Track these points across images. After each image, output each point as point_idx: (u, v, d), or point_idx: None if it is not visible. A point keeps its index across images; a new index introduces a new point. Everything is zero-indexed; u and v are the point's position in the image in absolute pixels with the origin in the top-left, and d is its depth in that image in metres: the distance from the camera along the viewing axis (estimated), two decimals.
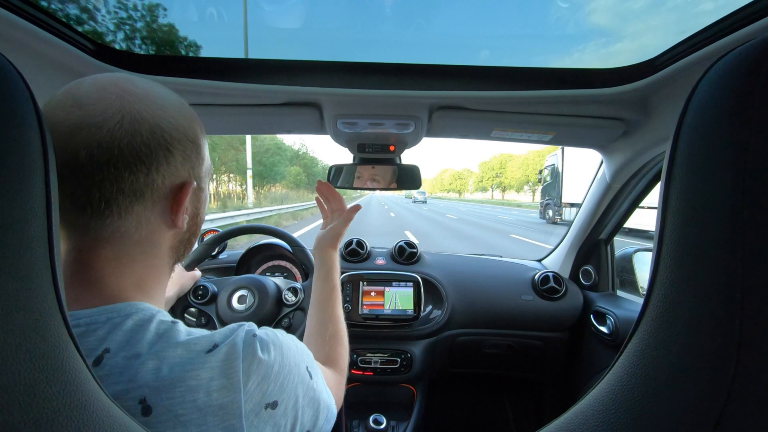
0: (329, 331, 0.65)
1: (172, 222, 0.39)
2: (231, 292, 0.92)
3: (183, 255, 0.44)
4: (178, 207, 0.38)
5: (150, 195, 0.36)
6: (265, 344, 0.37)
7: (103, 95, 0.34)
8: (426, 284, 1.32)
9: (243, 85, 0.78)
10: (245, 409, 0.33)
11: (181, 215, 0.39)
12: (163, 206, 0.38)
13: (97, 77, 0.36)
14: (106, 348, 0.32)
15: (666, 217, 0.26)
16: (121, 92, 0.34)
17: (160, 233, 0.39)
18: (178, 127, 0.37)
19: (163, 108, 0.37)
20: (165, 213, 0.38)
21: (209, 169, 0.45)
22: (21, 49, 0.61)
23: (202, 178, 0.43)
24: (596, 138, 1.00)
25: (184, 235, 0.42)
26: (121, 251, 0.36)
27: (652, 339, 0.25)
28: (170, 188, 0.38)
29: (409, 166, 1.08)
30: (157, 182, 0.36)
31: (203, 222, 0.47)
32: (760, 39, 0.23)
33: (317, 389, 0.44)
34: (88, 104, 0.33)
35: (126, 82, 0.36)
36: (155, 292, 0.41)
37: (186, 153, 0.38)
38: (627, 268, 1.30)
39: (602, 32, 48.95)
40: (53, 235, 0.23)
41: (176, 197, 0.38)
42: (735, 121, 0.22)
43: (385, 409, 1.23)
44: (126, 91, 0.35)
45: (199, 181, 0.42)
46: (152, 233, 0.38)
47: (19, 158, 0.21)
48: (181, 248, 0.43)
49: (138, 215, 0.36)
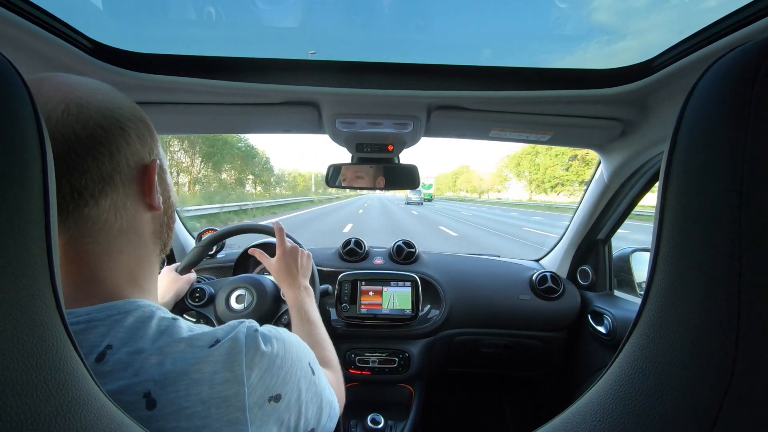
0: (313, 338, 0.67)
1: (148, 204, 0.39)
2: (229, 292, 0.92)
3: (167, 240, 0.45)
4: (150, 187, 0.39)
5: (120, 179, 0.36)
6: (267, 338, 0.38)
7: (40, 90, 0.33)
8: (424, 284, 1.32)
9: (242, 84, 0.78)
10: (249, 402, 0.33)
11: (155, 195, 0.39)
12: (134, 190, 0.38)
13: (33, 78, 0.35)
14: (108, 344, 0.32)
15: (664, 217, 0.26)
16: (57, 85, 0.35)
17: (140, 219, 0.39)
18: (124, 107, 0.38)
19: (102, 92, 0.37)
20: (138, 196, 0.38)
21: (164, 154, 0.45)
22: (18, 46, 0.61)
23: (162, 158, 0.43)
24: (594, 138, 1.00)
25: (162, 217, 0.43)
26: (108, 244, 0.36)
27: (650, 339, 0.25)
28: (136, 169, 0.38)
29: (407, 166, 1.08)
30: (122, 164, 0.36)
31: (176, 204, 0.47)
32: (757, 40, 0.23)
33: (320, 385, 0.44)
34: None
35: (58, 76, 0.36)
36: (149, 286, 0.41)
37: (140, 132, 0.39)
38: (624, 268, 1.31)
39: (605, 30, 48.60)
40: (51, 234, 0.23)
41: (145, 177, 0.39)
42: (733, 121, 0.22)
43: (383, 408, 1.23)
44: (61, 83, 0.35)
45: (161, 160, 0.42)
46: (132, 220, 0.38)
47: (17, 157, 0.21)
48: (163, 232, 0.44)
49: (113, 201, 0.36)
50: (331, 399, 0.47)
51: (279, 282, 0.80)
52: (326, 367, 0.60)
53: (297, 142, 42.55)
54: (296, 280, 0.78)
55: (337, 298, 1.27)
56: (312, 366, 0.43)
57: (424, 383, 1.33)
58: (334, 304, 1.28)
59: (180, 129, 1.06)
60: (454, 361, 1.36)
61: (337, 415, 0.48)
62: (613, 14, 17.05)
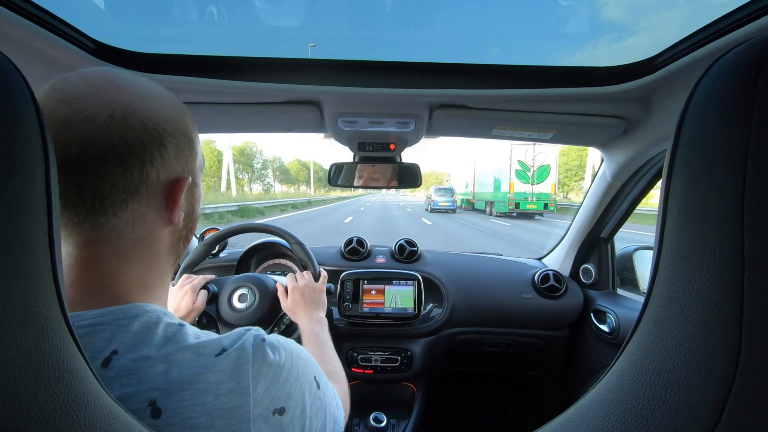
0: (321, 357, 0.68)
1: (168, 219, 0.38)
2: (231, 291, 0.92)
3: (182, 253, 0.44)
4: (173, 203, 0.38)
5: (145, 191, 0.35)
6: (275, 348, 0.37)
7: (91, 89, 0.33)
8: (426, 283, 1.32)
9: (244, 84, 0.78)
10: (253, 414, 0.33)
11: (177, 212, 0.38)
12: (158, 203, 0.37)
13: (84, 71, 0.35)
14: (114, 350, 0.32)
15: (667, 215, 0.26)
16: (110, 86, 0.34)
17: (157, 231, 0.38)
18: (170, 120, 0.37)
19: (153, 101, 0.36)
20: (160, 210, 0.37)
21: (202, 164, 0.44)
22: (20, 47, 0.61)
23: (196, 173, 0.42)
24: (597, 136, 1.00)
25: (180, 232, 0.42)
26: (118, 250, 0.36)
27: (653, 337, 0.25)
28: (165, 184, 0.37)
29: (409, 165, 1.08)
30: (152, 177, 0.35)
31: (198, 218, 0.46)
32: (760, 37, 0.23)
33: (325, 400, 0.43)
34: (76, 99, 0.32)
35: (113, 75, 0.35)
36: (158, 292, 0.40)
37: (179, 147, 0.38)
38: (627, 266, 1.30)
39: (615, 27, 47.70)
40: (54, 236, 0.23)
41: (171, 193, 0.37)
42: (736, 119, 0.22)
43: (385, 407, 1.23)
44: (115, 84, 0.34)
45: (194, 176, 0.41)
46: (148, 231, 0.37)
47: (20, 158, 0.21)
48: (180, 246, 0.43)
49: (133, 212, 0.35)
50: (336, 414, 0.46)
51: (292, 316, 0.83)
52: (333, 381, 0.60)
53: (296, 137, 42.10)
54: (307, 314, 0.80)
55: (339, 297, 1.27)
56: (318, 380, 0.43)
57: (426, 382, 1.33)
58: (336, 303, 1.28)
59: None
60: (457, 360, 1.36)
61: (341, 431, 0.47)
62: (623, 10, 16.58)
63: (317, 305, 0.83)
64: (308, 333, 0.74)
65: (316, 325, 0.76)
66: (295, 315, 0.82)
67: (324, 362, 0.66)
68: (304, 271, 0.92)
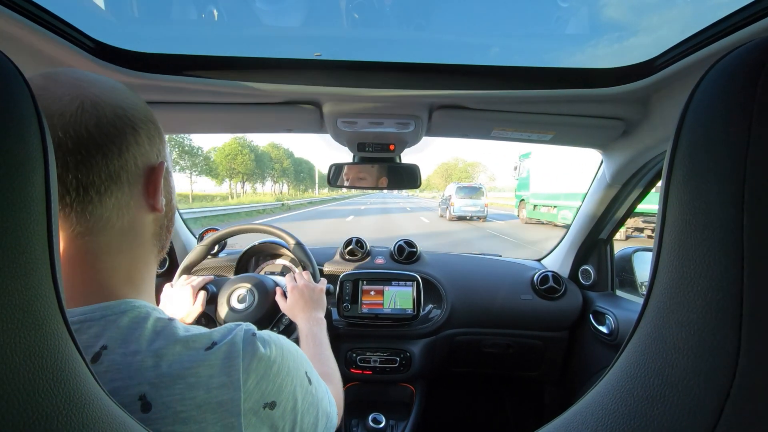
0: (318, 357, 0.68)
1: (151, 206, 0.39)
2: (230, 291, 0.92)
3: (165, 242, 0.45)
4: (155, 189, 0.39)
5: (126, 178, 0.36)
6: (266, 343, 0.38)
7: (56, 85, 0.34)
8: (425, 283, 1.32)
9: (243, 84, 0.78)
10: (244, 407, 0.33)
11: (159, 197, 0.39)
12: (139, 191, 0.38)
13: (43, 72, 0.36)
14: (103, 345, 0.32)
15: (666, 217, 0.26)
16: (74, 80, 0.35)
17: (141, 219, 0.39)
18: (137, 108, 0.38)
19: (117, 92, 0.37)
20: (143, 197, 0.39)
21: (170, 156, 0.46)
22: (20, 46, 0.61)
23: (168, 161, 0.43)
24: (596, 138, 1.00)
25: (163, 220, 0.43)
26: (108, 243, 0.36)
27: (652, 339, 0.25)
28: (144, 170, 0.38)
29: (408, 166, 1.08)
30: (130, 164, 0.36)
31: (176, 208, 0.47)
32: (760, 39, 0.23)
33: (317, 396, 0.44)
34: (44, 96, 0.33)
35: (74, 71, 0.36)
36: (145, 286, 0.41)
37: (150, 133, 0.39)
38: (626, 267, 1.30)
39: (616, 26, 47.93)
40: (53, 233, 0.23)
41: (151, 179, 0.39)
42: (735, 121, 0.22)
43: (384, 408, 1.23)
44: (78, 79, 0.35)
45: (168, 163, 0.42)
46: (133, 220, 0.38)
47: (19, 156, 0.21)
48: (162, 234, 0.44)
49: (118, 200, 0.36)
50: (329, 410, 0.46)
51: (291, 317, 0.83)
52: (327, 382, 0.61)
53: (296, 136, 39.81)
54: (306, 314, 0.80)
55: (338, 298, 1.27)
56: (309, 375, 0.43)
57: (425, 383, 1.33)
58: (335, 303, 1.28)
59: (181, 129, 1.06)
60: (456, 361, 1.36)
61: (333, 427, 0.47)
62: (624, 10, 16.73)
63: (316, 305, 0.83)
64: (306, 333, 0.74)
65: (315, 325, 0.77)
66: (294, 315, 0.82)
67: (320, 363, 0.66)
68: (303, 272, 0.92)
